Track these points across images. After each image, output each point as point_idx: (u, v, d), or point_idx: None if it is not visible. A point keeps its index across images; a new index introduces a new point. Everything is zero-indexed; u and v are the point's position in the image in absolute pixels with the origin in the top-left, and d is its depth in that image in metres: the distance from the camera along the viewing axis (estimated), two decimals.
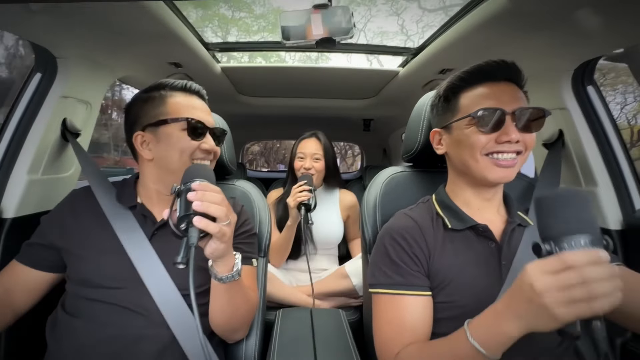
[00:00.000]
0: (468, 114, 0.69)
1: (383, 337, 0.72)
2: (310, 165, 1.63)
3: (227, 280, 0.70)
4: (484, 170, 0.70)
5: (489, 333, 0.55)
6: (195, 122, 0.81)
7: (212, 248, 0.65)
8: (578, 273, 0.45)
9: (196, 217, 0.60)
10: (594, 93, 1.10)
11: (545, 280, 0.47)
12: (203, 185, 0.64)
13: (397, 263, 0.72)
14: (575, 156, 1.10)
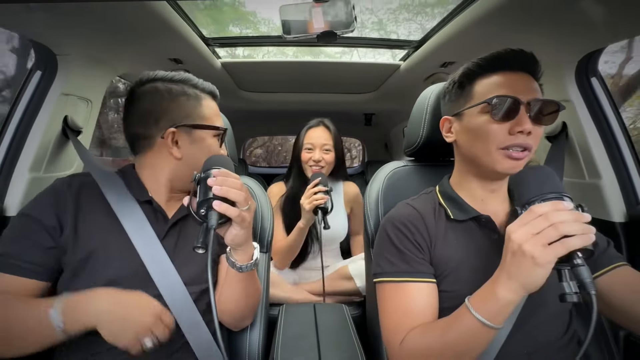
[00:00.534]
0: (482, 101, 0.68)
1: (390, 326, 0.72)
2: (320, 157, 1.50)
3: (246, 270, 0.71)
4: (494, 162, 0.69)
5: (488, 302, 0.57)
6: (224, 131, 0.85)
7: (232, 234, 0.66)
8: (546, 217, 0.52)
9: (216, 201, 0.62)
10: (598, 85, 1.09)
11: (520, 230, 0.54)
12: (223, 172, 0.65)
13: (401, 250, 0.72)
14: (579, 149, 1.09)
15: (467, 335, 0.59)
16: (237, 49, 2.19)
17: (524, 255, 0.52)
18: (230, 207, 0.63)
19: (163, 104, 0.80)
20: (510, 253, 0.55)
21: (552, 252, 0.51)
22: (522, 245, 0.52)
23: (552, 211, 0.53)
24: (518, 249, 0.53)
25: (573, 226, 0.51)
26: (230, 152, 1.08)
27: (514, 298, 0.55)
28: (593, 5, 0.80)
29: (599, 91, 1.09)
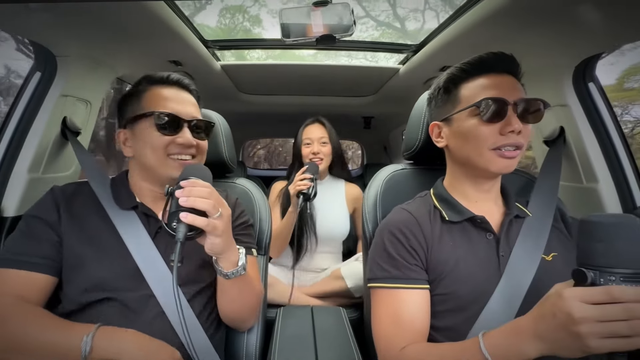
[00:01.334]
0: (470, 105, 0.69)
1: (382, 332, 0.72)
2: (318, 149, 1.61)
3: (232, 276, 0.70)
4: (487, 162, 0.70)
5: (506, 349, 0.53)
6: (165, 114, 0.77)
7: (209, 244, 0.65)
8: (625, 308, 0.43)
9: (182, 213, 0.60)
10: (595, 90, 1.09)
11: (586, 309, 0.45)
12: (191, 182, 0.64)
13: (394, 257, 0.73)
14: (577, 153, 1.10)
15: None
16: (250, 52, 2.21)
17: (575, 335, 0.45)
18: (198, 218, 0.61)
19: (120, 109, 0.84)
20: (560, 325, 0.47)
21: (610, 346, 0.44)
22: (580, 324, 0.44)
23: (636, 302, 0.43)
24: (573, 326, 0.45)
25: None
26: (229, 154, 1.08)
27: (536, 356, 0.51)
28: (591, 11, 0.81)
29: (596, 96, 1.09)
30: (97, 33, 0.98)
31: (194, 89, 0.87)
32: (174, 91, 0.82)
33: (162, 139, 0.77)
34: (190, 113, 0.81)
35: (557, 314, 0.47)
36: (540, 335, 0.50)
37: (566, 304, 0.46)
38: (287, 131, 3.22)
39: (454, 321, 0.70)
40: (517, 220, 0.77)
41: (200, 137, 0.82)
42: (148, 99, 0.80)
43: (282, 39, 0.77)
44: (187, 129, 0.79)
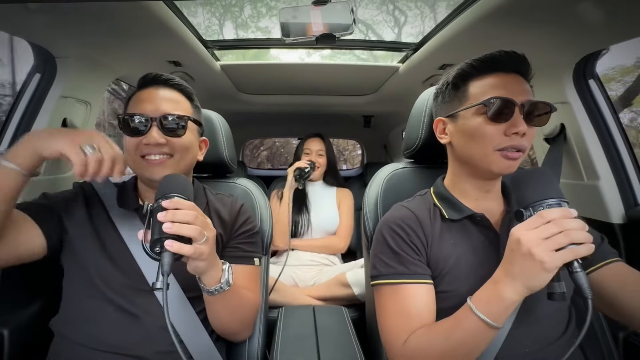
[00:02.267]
0: (478, 102, 0.69)
1: (390, 328, 0.72)
2: (315, 159, 1.90)
3: (215, 293, 0.68)
4: (490, 163, 0.69)
5: (493, 303, 0.58)
6: (128, 117, 0.75)
7: (192, 267, 0.63)
8: (557, 224, 0.53)
9: (167, 241, 0.56)
10: (596, 87, 1.09)
11: (530, 234, 0.54)
12: (174, 202, 0.59)
13: (397, 252, 0.73)
14: (577, 150, 1.10)
15: (470, 336, 0.60)
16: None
17: (532, 258, 0.53)
18: (185, 246, 0.57)
19: None
20: (517, 255, 0.55)
21: (560, 258, 0.52)
22: (531, 248, 0.53)
23: (563, 218, 0.54)
24: (527, 252, 0.53)
25: (581, 234, 0.53)
26: (230, 154, 1.08)
27: (518, 298, 0.57)
28: (591, 8, 0.81)
29: (596, 93, 1.09)
30: (96, 34, 0.98)
31: (177, 83, 0.83)
32: (149, 91, 0.80)
33: (131, 142, 0.76)
34: (160, 110, 0.77)
35: (512, 248, 0.57)
36: (510, 274, 0.57)
37: (516, 236, 0.56)
38: (287, 131, 3.22)
39: None
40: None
41: (174, 134, 0.77)
42: (130, 104, 0.80)
43: (281, 38, 0.77)
44: (154, 128, 0.75)
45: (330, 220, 1.85)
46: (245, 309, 0.80)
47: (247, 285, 0.84)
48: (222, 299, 0.72)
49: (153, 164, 0.76)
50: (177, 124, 0.77)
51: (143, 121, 0.75)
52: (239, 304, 0.77)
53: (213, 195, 0.94)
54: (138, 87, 0.82)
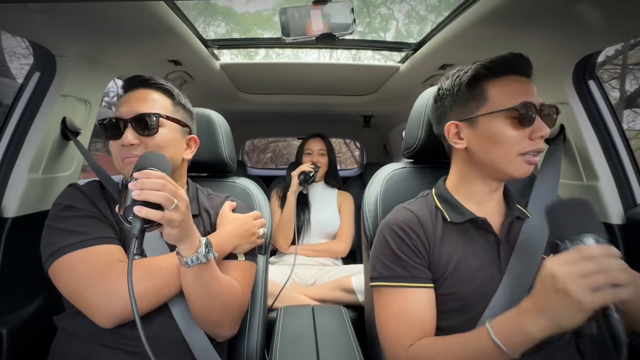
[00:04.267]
0: (509, 107, 0.67)
1: (391, 332, 0.72)
2: (317, 159, 1.92)
3: (191, 264, 0.68)
4: (513, 168, 0.69)
5: (513, 332, 0.55)
6: (104, 122, 0.77)
7: (166, 234, 0.64)
8: (597, 262, 0.49)
9: (135, 207, 0.58)
10: (596, 87, 1.09)
11: (566, 269, 0.50)
12: (144, 173, 0.61)
13: (399, 255, 0.72)
14: (577, 151, 1.10)
15: (480, 358, 0.59)
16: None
17: (567, 296, 0.49)
18: (152, 211, 0.59)
19: None
20: (551, 290, 0.51)
21: (599, 298, 0.48)
22: (567, 285, 0.49)
23: (604, 256, 0.50)
24: (562, 288, 0.49)
25: (623, 276, 0.49)
26: (229, 153, 1.08)
27: (542, 335, 0.53)
28: (590, 8, 0.81)
29: (596, 94, 1.09)
30: (96, 33, 0.98)
31: (156, 82, 0.83)
32: (129, 94, 0.81)
33: (113, 145, 0.78)
34: (134, 110, 0.77)
35: (546, 282, 0.52)
36: (539, 309, 0.53)
37: (549, 270, 0.52)
38: (287, 130, 3.22)
39: (457, 321, 0.70)
40: (518, 222, 0.77)
41: (148, 134, 0.77)
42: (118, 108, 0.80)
43: (281, 37, 0.77)
44: (129, 129, 0.76)
45: (331, 222, 1.85)
46: (225, 295, 0.78)
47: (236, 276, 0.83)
48: (199, 277, 0.71)
49: (127, 163, 0.77)
50: (148, 123, 0.77)
51: (117, 124, 0.77)
52: (219, 288, 0.76)
53: (205, 196, 0.95)
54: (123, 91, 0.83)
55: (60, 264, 0.71)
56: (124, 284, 0.67)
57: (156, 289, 0.72)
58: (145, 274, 0.72)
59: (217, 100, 2.05)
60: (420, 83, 1.65)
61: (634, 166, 1.07)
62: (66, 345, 0.74)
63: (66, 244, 0.72)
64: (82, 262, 0.71)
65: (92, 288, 0.69)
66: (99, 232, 0.75)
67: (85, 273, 0.70)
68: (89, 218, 0.77)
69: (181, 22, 1.09)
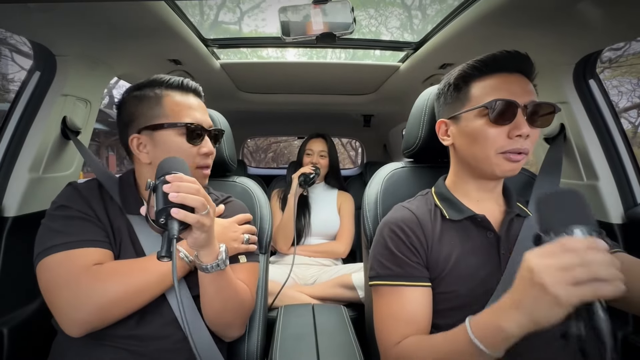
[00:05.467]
0: (480, 105, 0.68)
1: (384, 329, 0.72)
2: (317, 160, 1.87)
3: (212, 270, 0.69)
4: (493, 165, 0.69)
5: (489, 328, 0.53)
6: (194, 126, 0.79)
7: (193, 238, 0.64)
8: (578, 255, 0.45)
9: (174, 209, 0.59)
10: (596, 87, 1.09)
11: (544, 262, 0.47)
12: (177, 177, 0.62)
13: (396, 254, 0.73)
14: (577, 150, 1.10)
15: (462, 357, 0.57)
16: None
17: (544, 290, 0.46)
18: (189, 214, 0.60)
19: (129, 111, 0.81)
20: (527, 284, 0.48)
21: (579, 294, 0.44)
22: (543, 278, 0.46)
23: (587, 248, 0.46)
24: (538, 281, 0.46)
25: (608, 270, 0.44)
26: (230, 153, 1.08)
27: (519, 332, 0.50)
28: (591, 8, 0.81)
29: (596, 93, 1.09)
30: (96, 32, 0.98)
31: (203, 95, 0.88)
32: (192, 99, 0.83)
33: (191, 150, 0.80)
34: (208, 122, 0.83)
35: (524, 275, 0.49)
36: (516, 304, 0.50)
37: (528, 262, 0.49)
38: (287, 129, 3.22)
39: (456, 319, 0.69)
40: (518, 219, 0.77)
41: (216, 144, 0.86)
42: (171, 106, 0.79)
43: (281, 37, 0.77)
44: (207, 138, 0.82)
45: (330, 223, 1.84)
46: (238, 299, 0.79)
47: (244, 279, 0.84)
48: (216, 282, 0.73)
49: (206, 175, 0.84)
50: (218, 136, 0.88)
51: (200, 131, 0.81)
52: (233, 293, 0.77)
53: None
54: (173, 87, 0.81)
55: (43, 266, 0.71)
56: (93, 291, 0.68)
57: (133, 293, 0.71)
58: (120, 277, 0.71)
59: (217, 99, 2.05)
60: (420, 82, 1.65)
61: (634, 165, 1.07)
62: (66, 344, 0.74)
63: (50, 244, 0.72)
64: (59, 266, 0.70)
65: (61, 294, 0.68)
66: (84, 234, 0.74)
67: (59, 278, 0.69)
68: (79, 219, 0.76)
69: (181, 21, 1.09)
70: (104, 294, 0.68)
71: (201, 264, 0.69)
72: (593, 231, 0.49)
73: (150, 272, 0.72)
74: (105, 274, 0.70)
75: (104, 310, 0.69)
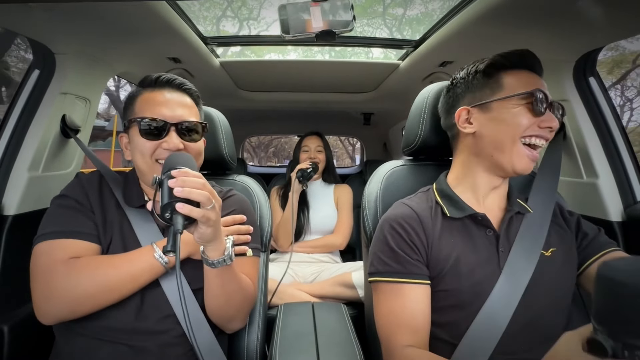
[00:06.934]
0: (524, 91, 0.69)
1: (384, 326, 0.73)
2: (315, 155, 1.93)
3: (218, 265, 0.69)
4: (515, 156, 0.71)
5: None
6: (149, 120, 0.77)
7: (199, 233, 0.64)
8: None
9: (179, 204, 0.59)
10: (596, 84, 1.09)
11: None
12: (183, 172, 0.63)
13: (396, 251, 0.73)
14: (577, 148, 1.10)
15: None
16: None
17: None
18: (195, 209, 0.60)
19: (122, 111, 0.85)
20: None
21: None
22: None
23: None
24: None
25: None
26: (229, 151, 1.08)
27: None
28: (590, 5, 0.81)
29: (596, 90, 1.09)
30: (95, 30, 0.97)
31: (188, 87, 0.86)
32: (163, 93, 0.81)
33: (147, 145, 0.77)
34: (178, 115, 0.79)
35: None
36: None
37: None
38: (287, 128, 3.22)
39: (456, 317, 0.70)
40: (518, 217, 0.77)
41: (191, 139, 0.81)
42: (139, 103, 0.80)
43: (281, 35, 0.77)
44: (173, 133, 0.78)
45: (329, 219, 1.86)
46: (242, 293, 0.80)
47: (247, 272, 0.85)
48: (221, 277, 0.73)
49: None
50: (193, 130, 0.82)
51: (162, 125, 0.77)
52: (237, 287, 0.78)
53: None
54: (145, 85, 0.83)
55: (34, 252, 0.74)
56: (64, 284, 0.69)
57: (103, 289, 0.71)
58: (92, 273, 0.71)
59: (216, 97, 2.05)
60: (420, 80, 1.65)
61: (634, 163, 1.07)
62: (68, 341, 0.75)
63: (41, 232, 0.75)
64: (41, 256, 0.73)
65: (36, 284, 0.71)
66: (71, 225, 0.75)
67: (37, 267, 0.72)
68: (71, 209, 0.78)
69: (181, 19, 1.09)
70: (73, 288, 0.69)
71: (207, 258, 0.70)
72: None
73: (123, 270, 0.72)
74: (79, 269, 0.71)
75: (74, 304, 0.70)
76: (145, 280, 0.74)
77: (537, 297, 0.68)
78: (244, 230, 0.89)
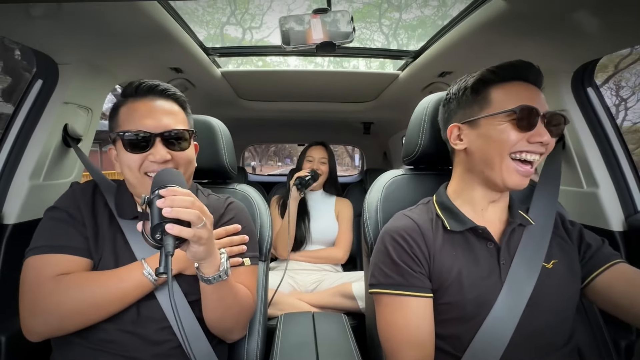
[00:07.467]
0: (508, 109, 0.68)
1: (390, 340, 0.72)
2: (318, 167, 1.89)
3: (214, 281, 0.68)
4: (504, 172, 0.69)
5: None
6: (131, 133, 0.73)
7: (192, 252, 0.63)
8: None
9: (168, 225, 0.57)
10: (594, 94, 1.10)
11: None
12: (171, 191, 0.60)
13: (397, 263, 0.72)
14: (577, 158, 1.10)
15: None
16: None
17: None
18: (185, 229, 0.58)
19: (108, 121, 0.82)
20: None
21: None
22: None
23: None
24: None
25: None
26: (230, 160, 1.08)
27: None
28: (589, 16, 0.82)
29: (595, 101, 1.10)
30: (98, 40, 0.99)
31: (172, 93, 0.81)
32: (145, 103, 0.77)
33: (134, 158, 0.75)
34: (163, 125, 0.75)
35: None
36: None
37: None
38: (287, 137, 3.23)
39: (459, 329, 0.69)
40: (519, 229, 0.77)
41: (179, 148, 0.78)
42: (122, 115, 0.77)
43: (282, 46, 0.78)
44: (159, 144, 0.74)
45: (329, 229, 1.85)
46: (240, 304, 0.79)
47: (245, 282, 0.84)
48: (218, 291, 0.72)
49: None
50: (180, 138, 0.78)
51: (145, 137, 0.74)
52: (235, 299, 0.77)
53: (205, 196, 0.95)
54: (127, 95, 0.79)
55: (24, 266, 0.73)
56: (50, 302, 0.69)
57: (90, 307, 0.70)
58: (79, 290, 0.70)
59: (217, 107, 2.06)
60: (419, 90, 1.66)
61: (634, 173, 1.07)
62: (64, 352, 0.74)
63: (32, 246, 0.74)
64: (30, 270, 0.72)
65: (24, 299, 0.70)
66: (62, 239, 0.74)
67: (25, 283, 0.71)
68: (62, 222, 0.76)
69: (182, 30, 1.10)
70: (60, 306, 0.69)
71: (202, 275, 0.68)
72: None
73: (111, 287, 0.71)
74: (66, 286, 0.70)
75: (62, 321, 0.69)
76: (135, 297, 0.73)
77: (540, 309, 0.68)
78: (237, 241, 0.86)
